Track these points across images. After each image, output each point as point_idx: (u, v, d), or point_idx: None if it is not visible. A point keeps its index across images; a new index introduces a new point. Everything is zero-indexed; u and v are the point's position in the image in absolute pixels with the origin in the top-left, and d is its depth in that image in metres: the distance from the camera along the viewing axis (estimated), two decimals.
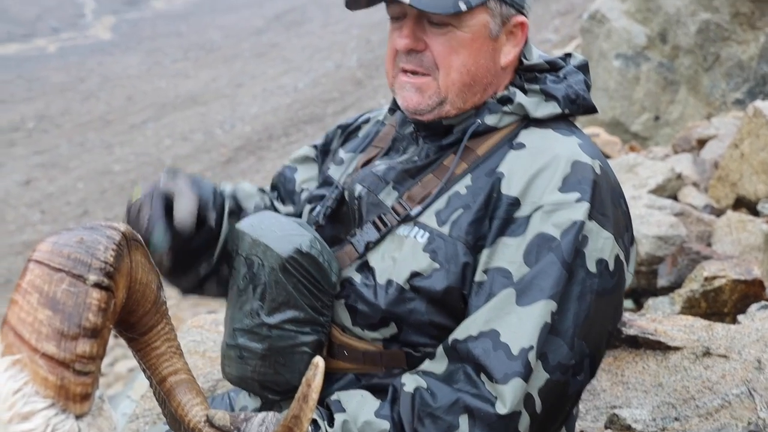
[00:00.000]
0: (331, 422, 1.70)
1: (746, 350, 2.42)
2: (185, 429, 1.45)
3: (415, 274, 1.75)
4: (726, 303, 3.18)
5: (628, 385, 2.44)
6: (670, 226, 4.15)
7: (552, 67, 1.90)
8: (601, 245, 1.69)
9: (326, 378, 1.79)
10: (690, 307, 3.22)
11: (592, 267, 1.68)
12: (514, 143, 1.80)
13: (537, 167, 1.73)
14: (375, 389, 1.78)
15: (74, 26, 48.71)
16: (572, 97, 1.84)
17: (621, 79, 9.10)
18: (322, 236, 1.88)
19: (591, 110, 1.89)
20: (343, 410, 1.72)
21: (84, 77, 36.95)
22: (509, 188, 1.73)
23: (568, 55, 1.95)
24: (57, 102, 33.28)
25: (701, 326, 2.58)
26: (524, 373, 1.60)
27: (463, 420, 1.61)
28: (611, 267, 1.70)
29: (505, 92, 1.85)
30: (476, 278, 1.71)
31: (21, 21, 47.73)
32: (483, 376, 1.63)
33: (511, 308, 1.65)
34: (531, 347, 1.61)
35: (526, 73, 1.88)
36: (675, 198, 5.10)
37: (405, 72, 1.84)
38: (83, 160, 26.42)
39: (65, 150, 27.77)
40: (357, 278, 1.83)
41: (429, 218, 1.79)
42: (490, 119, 1.83)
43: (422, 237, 1.77)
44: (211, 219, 1.98)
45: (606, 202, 1.73)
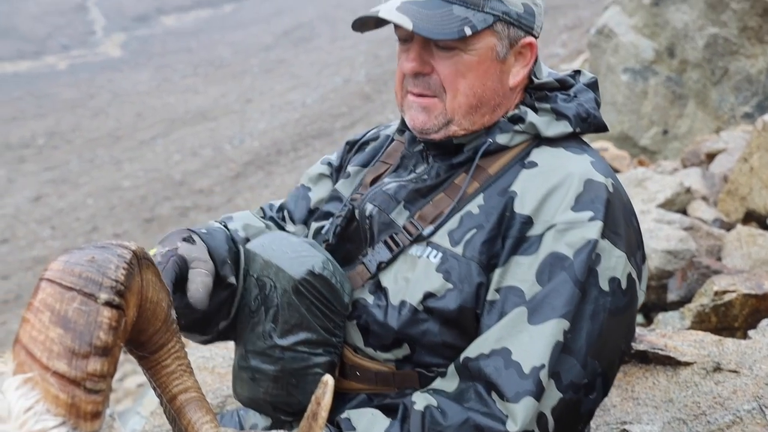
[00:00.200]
0: None
1: (757, 365, 2.40)
2: None
3: (429, 295, 1.74)
4: (736, 318, 3.15)
5: (639, 401, 2.42)
6: (680, 241, 4.13)
7: (562, 86, 1.90)
8: (614, 264, 1.69)
9: (338, 398, 1.79)
10: (700, 322, 3.19)
11: (605, 285, 1.67)
12: (526, 162, 1.80)
13: (550, 186, 1.73)
14: (387, 409, 1.77)
15: (84, 43, 49.11)
16: (583, 116, 1.84)
17: (629, 93, 9.11)
18: (333, 255, 1.88)
19: (602, 128, 1.89)
20: (353, 428, 1.71)
21: (94, 94, 37.22)
22: (522, 207, 1.73)
23: (578, 72, 1.95)
24: (67, 118, 33.49)
25: (711, 341, 2.56)
26: (536, 392, 1.60)
27: None
28: (624, 285, 1.70)
29: (516, 111, 1.85)
30: (488, 297, 1.71)
31: (31, 38, 48.16)
32: (494, 395, 1.62)
33: (523, 327, 1.64)
34: (542, 366, 1.61)
35: (537, 92, 1.88)
36: (684, 212, 5.08)
37: (412, 93, 1.84)
38: (93, 176, 26.55)
39: (75, 166, 27.92)
40: (369, 299, 1.83)
41: (442, 238, 1.78)
42: (502, 138, 1.83)
43: (435, 257, 1.77)
44: (230, 278, 1.91)
45: (619, 221, 1.73)
